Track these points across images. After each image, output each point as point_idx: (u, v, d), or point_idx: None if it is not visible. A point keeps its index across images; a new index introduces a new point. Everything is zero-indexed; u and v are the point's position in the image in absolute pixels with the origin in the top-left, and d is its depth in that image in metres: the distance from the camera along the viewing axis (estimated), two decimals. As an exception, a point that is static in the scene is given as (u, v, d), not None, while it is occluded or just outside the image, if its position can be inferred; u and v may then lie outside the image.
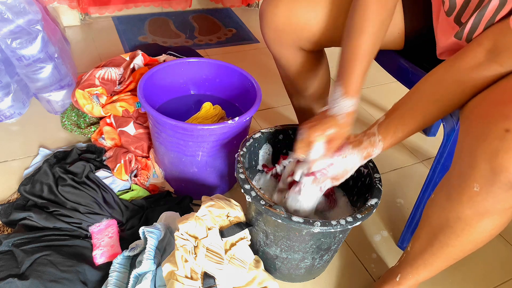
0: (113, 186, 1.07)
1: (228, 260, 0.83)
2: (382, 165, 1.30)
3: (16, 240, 0.88)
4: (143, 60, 1.31)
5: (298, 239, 0.81)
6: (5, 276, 0.81)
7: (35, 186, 1.02)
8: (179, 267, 0.77)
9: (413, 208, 0.98)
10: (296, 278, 0.95)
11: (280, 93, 1.49)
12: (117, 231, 0.96)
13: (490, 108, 0.59)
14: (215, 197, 0.91)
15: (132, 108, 1.20)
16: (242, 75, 1.14)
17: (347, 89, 0.78)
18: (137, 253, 0.87)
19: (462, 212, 0.64)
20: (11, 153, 1.20)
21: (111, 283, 0.82)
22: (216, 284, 0.78)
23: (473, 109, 0.63)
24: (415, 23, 0.89)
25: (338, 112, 0.78)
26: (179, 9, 2.06)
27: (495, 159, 0.55)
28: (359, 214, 0.78)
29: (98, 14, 1.90)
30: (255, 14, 2.14)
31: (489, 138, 0.56)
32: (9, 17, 1.08)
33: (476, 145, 0.58)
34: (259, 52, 1.84)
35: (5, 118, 1.27)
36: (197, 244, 0.81)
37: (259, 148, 0.97)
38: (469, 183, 0.60)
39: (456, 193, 0.63)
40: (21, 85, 1.28)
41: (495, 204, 0.60)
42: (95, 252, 0.91)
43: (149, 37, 1.83)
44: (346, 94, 0.78)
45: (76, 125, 1.28)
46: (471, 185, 0.60)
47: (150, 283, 0.80)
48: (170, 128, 0.96)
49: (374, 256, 1.05)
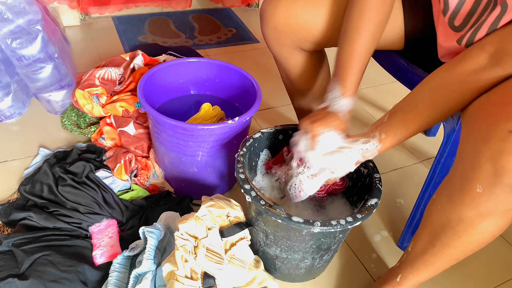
0: (113, 186, 1.07)
1: (228, 260, 0.83)
2: (382, 165, 1.30)
3: (16, 240, 0.88)
4: (143, 60, 1.31)
5: (298, 239, 0.81)
6: (5, 276, 0.81)
7: (35, 186, 1.02)
8: (179, 267, 0.77)
9: (413, 208, 0.99)
10: (296, 278, 0.95)
11: (280, 93, 1.49)
12: (117, 231, 0.96)
13: (493, 110, 0.59)
14: (215, 197, 0.91)
15: (132, 108, 1.20)
16: (242, 75, 1.14)
17: (345, 89, 0.81)
18: (137, 253, 0.87)
19: (464, 213, 0.64)
20: (11, 153, 1.20)
21: (111, 283, 0.82)
22: (216, 284, 0.78)
23: (475, 111, 0.63)
24: (415, 24, 0.89)
25: (338, 109, 0.81)
26: (179, 9, 2.06)
27: (499, 160, 0.55)
28: (359, 214, 0.78)
29: (98, 14, 1.90)
30: (255, 14, 2.14)
31: (492, 140, 0.56)
32: (9, 17, 1.08)
33: (479, 146, 0.58)
34: (259, 52, 1.84)
35: (5, 118, 1.27)
36: (197, 244, 0.81)
37: (259, 148, 0.97)
38: (471, 184, 0.60)
39: (458, 194, 0.63)
40: (21, 85, 1.28)
41: (498, 206, 0.60)
42: (95, 252, 0.91)
43: (149, 37, 1.83)
44: (345, 93, 0.81)
45: (76, 125, 1.28)
46: (473, 186, 0.60)
47: (150, 283, 0.80)
48: (170, 128, 0.96)
49: (374, 256, 1.05)
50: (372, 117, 1.54)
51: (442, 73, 0.69)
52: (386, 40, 0.92)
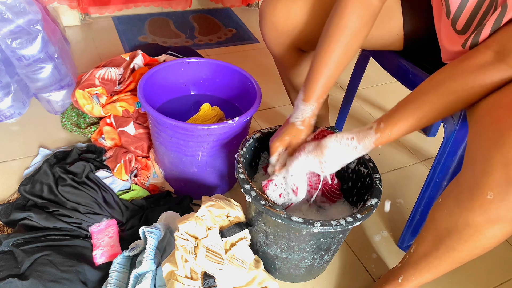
0: (113, 186, 1.07)
1: (228, 260, 0.83)
2: (382, 165, 1.30)
3: (16, 240, 0.88)
4: (143, 60, 1.31)
5: (298, 239, 0.81)
6: (5, 276, 0.81)
7: (35, 186, 1.02)
8: (179, 267, 0.77)
9: (413, 208, 0.99)
10: (296, 278, 0.95)
11: (280, 93, 1.50)
12: (117, 231, 0.96)
13: (504, 114, 0.58)
14: (215, 197, 0.91)
15: (132, 108, 1.20)
16: (242, 75, 1.14)
17: (307, 95, 0.83)
18: (137, 253, 0.87)
19: (472, 218, 0.63)
20: (11, 153, 1.20)
21: (111, 283, 0.82)
22: (216, 284, 0.78)
23: (485, 114, 0.62)
24: (414, 25, 0.89)
25: (296, 118, 0.84)
26: (179, 9, 2.06)
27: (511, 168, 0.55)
28: (359, 214, 0.78)
29: (98, 14, 1.90)
30: (255, 14, 2.14)
31: (505, 146, 0.55)
32: (9, 17, 1.09)
33: (491, 152, 0.57)
34: (259, 52, 1.84)
35: (5, 118, 1.27)
36: (197, 244, 0.81)
37: (259, 148, 0.97)
38: (482, 190, 0.59)
39: (467, 199, 0.62)
40: (21, 85, 1.29)
41: (508, 212, 0.59)
42: (95, 252, 0.91)
43: (149, 37, 1.84)
44: (306, 100, 0.83)
45: (76, 125, 1.28)
46: (484, 193, 0.59)
47: (150, 283, 0.80)
48: (170, 128, 0.96)
49: (374, 256, 1.05)
50: (372, 117, 1.54)
51: (447, 69, 0.68)
52: (385, 41, 0.92)
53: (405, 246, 1.06)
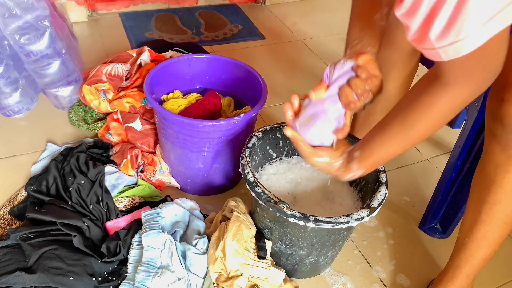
0: (119, 181, 1.07)
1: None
2: (388, 163, 1.30)
3: (24, 234, 0.89)
4: (149, 56, 1.32)
5: (303, 235, 0.81)
6: (13, 269, 0.82)
7: (42, 184, 1.02)
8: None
9: (433, 194, 1.03)
10: (300, 274, 0.96)
11: (286, 89, 1.49)
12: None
13: None
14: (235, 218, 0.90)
15: (138, 104, 1.20)
16: (248, 71, 1.14)
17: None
18: None
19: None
20: (19, 147, 1.21)
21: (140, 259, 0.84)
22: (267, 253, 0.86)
23: None
24: None
25: None
26: (186, 5, 2.06)
27: None
28: (364, 210, 0.78)
29: (105, 10, 1.90)
30: (262, 10, 2.14)
31: None
32: (17, 13, 1.09)
33: None
34: (265, 48, 1.84)
35: (14, 113, 1.28)
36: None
37: (264, 144, 0.97)
38: None
39: None
40: (29, 81, 1.30)
41: None
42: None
43: (156, 33, 1.84)
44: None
45: (83, 120, 1.29)
46: None
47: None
48: (176, 124, 0.96)
49: (378, 253, 1.05)
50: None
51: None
52: None
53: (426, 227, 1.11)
